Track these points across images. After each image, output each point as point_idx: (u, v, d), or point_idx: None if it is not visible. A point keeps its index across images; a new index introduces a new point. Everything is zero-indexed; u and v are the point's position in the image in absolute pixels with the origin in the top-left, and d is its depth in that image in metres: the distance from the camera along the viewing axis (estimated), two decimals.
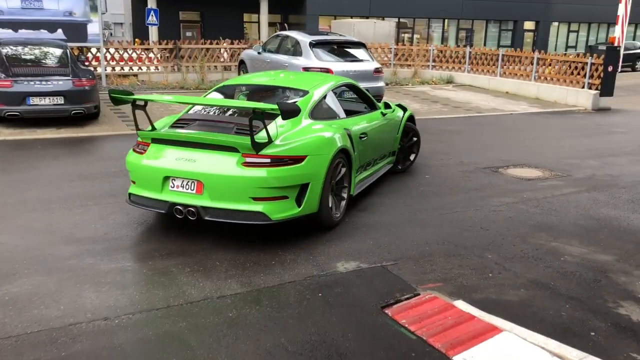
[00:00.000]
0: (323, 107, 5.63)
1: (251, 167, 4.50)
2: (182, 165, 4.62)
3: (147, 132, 4.90)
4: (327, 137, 5.08)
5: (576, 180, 7.22)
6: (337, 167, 5.16)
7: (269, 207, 4.58)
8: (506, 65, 16.77)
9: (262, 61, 13.14)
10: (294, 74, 7.35)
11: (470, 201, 6.23)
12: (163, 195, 4.73)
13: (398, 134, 6.97)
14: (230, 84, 6.33)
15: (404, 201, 6.19)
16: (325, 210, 5.01)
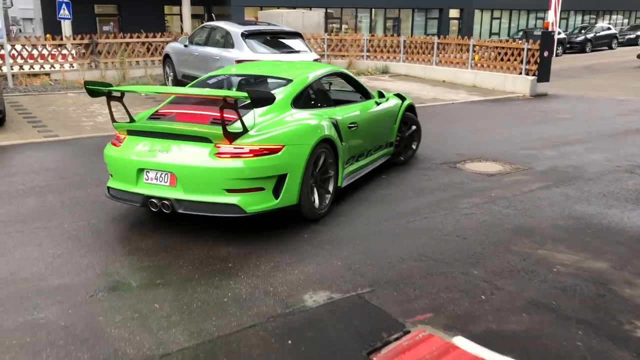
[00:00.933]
0: (308, 96, 5.50)
1: (224, 158, 4.39)
2: (156, 157, 4.53)
3: (122, 124, 4.80)
4: (308, 126, 4.95)
5: (540, 174, 6.78)
6: (320, 158, 5.03)
7: (243, 199, 4.46)
8: (442, 53, 16.46)
9: (189, 54, 12.10)
10: (285, 63, 6.87)
11: (437, 204, 5.62)
12: (138, 188, 4.64)
13: (395, 124, 6.78)
14: (218, 74, 6.20)
15: (365, 208, 5.51)
16: (307, 202, 4.87)
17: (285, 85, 5.36)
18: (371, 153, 6.27)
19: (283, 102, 5.08)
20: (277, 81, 5.53)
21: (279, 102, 4.99)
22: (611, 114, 11.35)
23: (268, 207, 4.59)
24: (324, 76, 5.95)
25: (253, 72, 6.05)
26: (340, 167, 5.34)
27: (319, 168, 5.06)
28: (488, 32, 37.22)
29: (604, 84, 16.86)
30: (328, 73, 6.04)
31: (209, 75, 6.13)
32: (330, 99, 5.85)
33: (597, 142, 8.60)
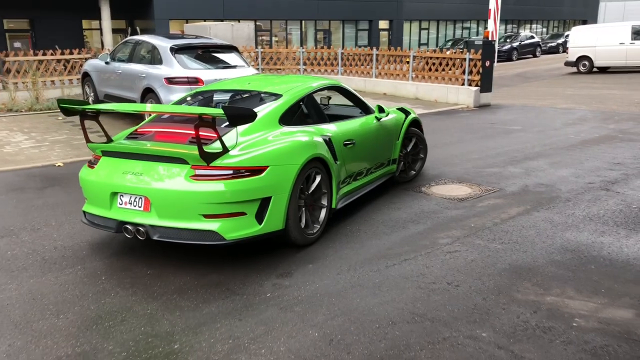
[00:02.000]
0: (298, 112, 5.18)
1: (201, 180, 4.11)
2: (129, 179, 4.29)
3: (96, 144, 4.60)
4: (296, 144, 4.63)
5: (513, 196, 6.19)
6: (310, 178, 4.74)
7: (223, 225, 4.15)
8: (380, 64, 15.95)
9: (111, 72, 10.92)
10: (278, 77, 6.37)
11: (414, 241, 4.86)
12: (112, 213, 4.41)
13: (398, 140, 6.40)
14: (206, 90, 5.80)
15: (333, 249, 4.67)
16: (294, 227, 4.55)
17: (274, 100, 5.00)
18: (371, 171, 5.89)
19: (269, 118, 4.77)
20: (267, 96, 5.17)
21: (264, 119, 4.72)
22: (559, 124, 11.09)
23: (250, 234, 4.24)
24: (318, 90, 5.52)
25: (242, 87, 5.63)
26: (334, 187, 4.99)
27: (311, 190, 4.73)
28: (417, 43, 37.50)
29: (540, 92, 16.88)
30: (322, 87, 5.63)
31: (195, 91, 5.78)
32: (324, 115, 5.48)
33: (558, 156, 8.17)
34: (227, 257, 4.56)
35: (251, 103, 5.17)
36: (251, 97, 5.38)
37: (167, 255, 4.63)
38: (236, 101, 5.43)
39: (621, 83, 18.76)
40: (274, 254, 4.60)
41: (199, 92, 5.74)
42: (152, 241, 4.33)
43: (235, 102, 5.41)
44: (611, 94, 15.83)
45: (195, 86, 9.29)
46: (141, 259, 4.57)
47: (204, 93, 5.71)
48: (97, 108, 4.44)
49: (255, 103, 5.11)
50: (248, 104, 5.22)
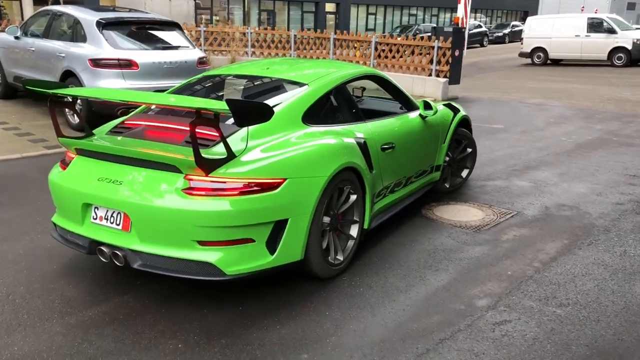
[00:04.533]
0: (327, 107, 4.21)
1: (196, 196, 3.11)
2: (106, 188, 3.29)
3: (69, 140, 3.56)
4: (323, 149, 3.64)
5: (538, 224, 4.93)
6: (342, 194, 3.78)
7: (223, 256, 3.15)
8: (339, 49, 14.50)
9: (23, 50, 8.94)
10: (299, 61, 5.33)
11: (443, 303, 3.49)
12: (83, 230, 3.43)
13: (445, 143, 5.39)
14: (214, 74, 4.70)
15: (333, 322, 3.23)
16: (316, 257, 3.55)
17: (298, 91, 3.97)
18: (411, 181, 4.89)
19: (290, 115, 3.75)
20: (288, 85, 4.15)
21: (284, 116, 3.69)
22: (541, 123, 10.04)
23: (259, 267, 3.26)
24: (352, 79, 4.49)
25: (259, 72, 4.50)
26: (367, 203, 4.01)
27: (341, 209, 3.77)
28: (364, 28, 36.29)
29: (501, 85, 15.94)
30: (357, 76, 4.59)
31: (202, 76, 4.68)
32: (358, 111, 4.39)
33: (561, 165, 7.03)
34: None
35: (268, 93, 4.20)
36: (269, 85, 4.36)
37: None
38: (250, 90, 4.43)
39: (580, 77, 18.14)
40: (249, 328, 3.11)
41: (207, 76, 4.69)
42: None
43: (248, 91, 4.41)
44: (575, 88, 15.06)
45: (128, 70, 7.57)
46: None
47: (213, 78, 4.68)
48: (72, 93, 3.43)
49: (273, 93, 4.12)
50: (264, 94, 4.22)
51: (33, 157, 6.67)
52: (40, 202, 5.14)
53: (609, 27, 20.60)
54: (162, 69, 7.84)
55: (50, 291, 3.56)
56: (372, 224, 4.16)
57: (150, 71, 7.72)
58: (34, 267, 3.88)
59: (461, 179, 5.82)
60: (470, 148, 5.82)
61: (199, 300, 3.46)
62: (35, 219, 4.74)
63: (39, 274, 3.78)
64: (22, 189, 5.55)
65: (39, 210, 4.94)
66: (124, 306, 3.39)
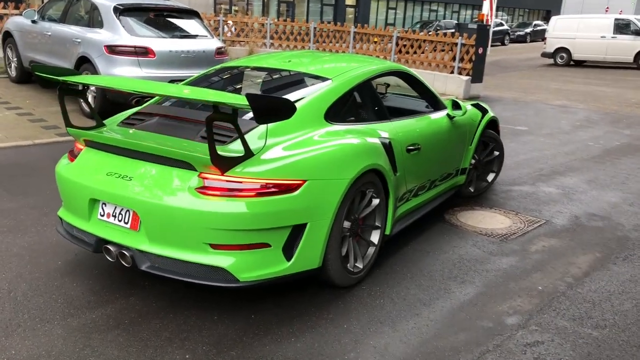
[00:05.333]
0: (351, 105, 3.99)
1: (211, 196, 2.91)
2: (114, 184, 3.09)
3: (78, 130, 3.34)
4: (345, 151, 3.38)
5: (568, 234, 4.67)
6: (364, 198, 3.55)
7: (237, 261, 2.94)
8: (359, 43, 14.22)
9: (39, 34, 8.78)
10: (322, 55, 5.00)
11: (469, 319, 3.26)
12: (90, 226, 3.24)
13: (472, 145, 5.15)
14: (233, 65, 4.48)
15: (350, 337, 3.00)
16: (334, 265, 3.33)
17: (321, 87, 3.75)
18: (436, 184, 4.63)
19: (312, 112, 3.52)
20: (311, 80, 3.92)
21: (305, 112, 3.47)
22: (567, 126, 9.71)
23: (274, 274, 3.06)
24: (378, 75, 4.25)
25: (281, 64, 4.24)
26: (390, 208, 3.79)
27: (362, 214, 3.56)
28: (384, 22, 35.87)
29: (524, 85, 15.56)
30: (384, 72, 4.33)
31: (221, 67, 4.48)
32: (384, 109, 4.16)
33: (589, 171, 6.73)
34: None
35: (289, 88, 4.00)
36: (290, 79, 4.13)
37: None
38: (269, 83, 4.18)
39: (604, 79, 17.69)
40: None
41: (226, 67, 4.48)
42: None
43: (268, 85, 4.16)
44: (601, 91, 14.66)
45: (144, 58, 7.37)
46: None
47: (231, 70, 4.46)
48: (84, 80, 3.27)
49: (294, 88, 3.93)
50: (285, 88, 4.02)
51: (44, 145, 6.51)
52: (48, 192, 4.96)
53: (637, 28, 20.08)
54: (179, 58, 7.64)
55: (53, 289, 3.38)
56: (394, 230, 3.93)
57: (167, 60, 7.52)
58: (38, 262, 3.70)
59: (486, 183, 5.56)
60: (497, 151, 5.56)
61: (208, 306, 3.26)
62: (43, 210, 4.57)
63: (43, 270, 3.59)
64: (31, 177, 5.38)
65: (47, 201, 4.76)
66: (129, 309, 3.20)
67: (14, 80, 9.80)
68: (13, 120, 7.37)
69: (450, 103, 4.83)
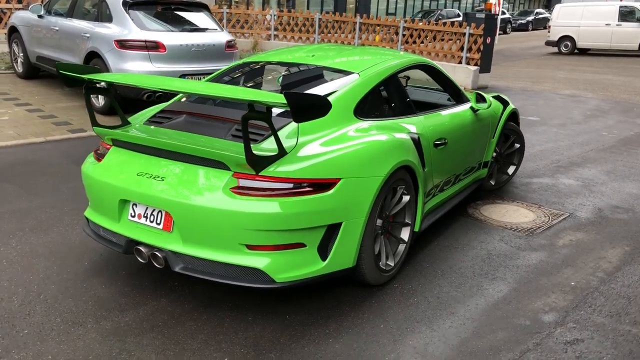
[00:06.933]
0: (380, 99, 3.94)
1: (246, 196, 2.86)
2: (145, 184, 3.04)
3: (105, 130, 3.29)
4: (378, 147, 3.33)
5: (594, 227, 4.63)
6: (395, 195, 3.49)
7: (273, 262, 2.90)
8: (364, 34, 14.11)
9: (46, 29, 8.68)
10: (343, 49, 4.99)
11: (506, 317, 3.21)
12: (120, 227, 3.19)
13: (494, 138, 5.10)
14: (252, 61, 4.39)
15: (388, 338, 2.97)
16: (368, 263, 3.29)
17: (348, 82, 3.67)
18: (460, 179, 4.57)
19: (342, 108, 3.45)
20: (337, 75, 3.85)
21: (335, 109, 3.37)
22: (579, 115, 9.65)
23: (309, 274, 3.02)
24: (404, 69, 4.16)
25: (304, 59, 4.19)
26: (419, 203, 3.74)
27: (393, 211, 3.51)
28: (384, 12, 35.63)
29: (530, 74, 15.47)
30: (409, 65, 4.24)
31: (243, 62, 4.42)
32: (410, 104, 4.11)
33: (606, 162, 6.68)
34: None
35: (316, 83, 3.87)
36: (316, 74, 4.01)
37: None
38: (295, 79, 4.04)
39: (610, 67, 17.60)
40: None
41: (247, 62, 4.41)
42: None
43: (294, 81, 4.00)
44: (608, 80, 14.58)
45: (155, 52, 7.29)
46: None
47: (253, 65, 4.40)
48: (109, 79, 3.18)
49: (321, 84, 3.83)
50: (311, 84, 3.87)
51: (57, 142, 6.45)
52: (66, 190, 4.91)
53: None
54: (190, 52, 7.55)
55: (82, 291, 3.33)
56: (423, 226, 3.88)
57: (178, 54, 7.44)
58: (65, 263, 3.66)
59: (507, 176, 5.51)
60: (518, 143, 5.51)
61: (241, 306, 3.22)
62: (63, 209, 4.52)
63: (71, 272, 3.55)
64: (47, 175, 5.32)
65: (66, 199, 4.71)
66: (161, 311, 3.16)
67: (20, 75, 9.71)
68: (23, 117, 7.30)
69: (474, 96, 4.77)
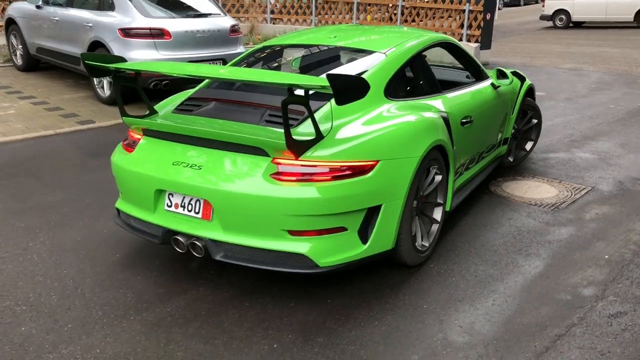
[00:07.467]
0: (407, 79, 4.11)
1: (287, 182, 2.83)
2: (182, 173, 3.01)
3: (135, 119, 3.25)
4: (412, 127, 3.31)
5: (617, 200, 4.64)
6: (429, 175, 3.48)
7: (315, 246, 2.89)
8: (362, 13, 13.98)
9: (45, 20, 8.53)
10: (364, 28, 4.82)
11: (546, 294, 3.22)
12: (156, 218, 3.16)
13: (513, 114, 5.07)
14: (273, 44, 4.31)
15: (431, 313, 2.96)
16: (406, 245, 3.28)
17: (375, 62, 3.61)
18: (483, 157, 4.57)
19: (373, 89, 3.30)
20: (363, 56, 3.76)
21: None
22: (583, 89, 9.63)
23: (351, 258, 3.01)
24: (428, 47, 4.10)
25: (326, 40, 4.10)
26: (450, 183, 3.72)
27: (427, 191, 3.50)
28: None
29: (528, 49, 15.42)
30: (432, 43, 4.17)
31: (262, 46, 4.32)
32: (436, 83, 4.06)
33: (618, 134, 6.68)
34: None
35: (343, 65, 3.84)
36: (341, 55, 4.01)
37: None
38: (320, 61, 4.04)
39: (607, 40, 17.55)
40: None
41: (268, 46, 4.31)
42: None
43: (320, 63, 4.00)
44: (606, 52, 14.55)
45: (160, 40, 7.19)
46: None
47: (273, 48, 4.31)
48: (135, 67, 3.11)
49: (348, 65, 3.79)
50: (338, 66, 3.84)
51: (67, 134, 6.37)
52: (85, 183, 4.86)
53: None
54: (195, 38, 7.46)
55: (119, 283, 3.31)
56: (453, 204, 3.87)
57: (183, 41, 7.34)
58: (96, 256, 3.63)
59: (525, 152, 5.50)
60: (535, 119, 5.49)
61: (281, 293, 3.21)
62: (84, 202, 4.47)
63: (104, 264, 3.52)
64: (62, 168, 5.27)
65: (86, 192, 4.67)
66: (202, 300, 3.14)
67: (20, 68, 9.57)
68: (29, 110, 7.20)
69: (496, 72, 4.74)
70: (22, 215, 4.22)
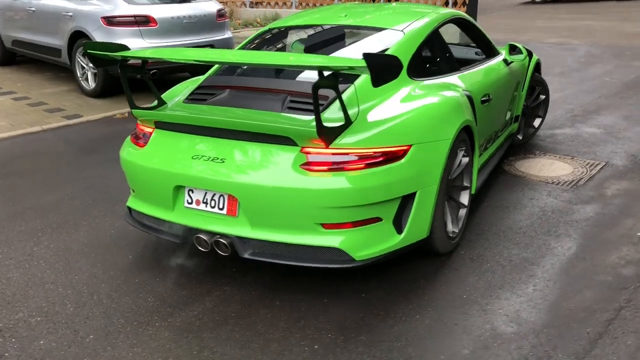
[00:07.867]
0: (427, 58, 3.76)
1: (318, 172, 2.64)
2: (203, 167, 2.79)
3: (146, 111, 3.04)
4: (441, 108, 3.14)
5: (635, 175, 4.55)
6: (456, 158, 3.25)
7: (348, 239, 2.72)
8: None
9: (22, 11, 8.14)
10: (369, 6, 4.48)
11: (587, 276, 3.11)
12: (175, 216, 2.95)
13: (523, 90, 4.91)
14: (281, 25, 4.07)
15: (475, 305, 2.83)
16: (439, 232, 3.11)
17: (394, 40, 3.43)
18: (498, 135, 4.42)
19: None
20: (381, 34, 3.56)
21: None
22: (574, 63, 9.57)
23: (387, 250, 2.84)
24: (443, 23, 3.91)
25: (337, 20, 3.92)
26: (475, 164, 3.58)
27: (455, 174, 3.30)
28: None
29: (511, 25, 15.35)
30: (447, 19, 3.98)
31: (268, 28, 4.07)
32: (454, 60, 3.92)
33: (620, 107, 6.61)
34: None
35: (361, 44, 3.58)
36: (357, 35, 3.75)
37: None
38: (337, 42, 3.76)
39: (587, 12, 17.56)
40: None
41: (274, 27, 4.07)
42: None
43: (336, 44, 3.72)
44: (589, 25, 14.53)
45: (146, 27, 6.89)
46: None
47: (281, 30, 4.06)
48: (143, 55, 2.94)
49: (366, 44, 3.55)
50: (355, 45, 3.60)
51: (55, 129, 6.08)
52: (82, 180, 4.62)
53: None
54: (182, 24, 7.17)
55: (137, 287, 3.11)
56: (477, 187, 3.73)
57: (170, 28, 7.05)
58: (107, 259, 3.41)
59: (533, 129, 5.39)
60: (543, 95, 5.37)
61: (311, 289, 3.04)
62: (85, 201, 4.24)
63: (117, 267, 3.31)
64: (55, 166, 5.01)
65: (85, 190, 4.43)
66: (229, 301, 2.96)
67: None
68: (11, 106, 6.87)
69: (508, 47, 4.61)
70: (21, 217, 3.98)
